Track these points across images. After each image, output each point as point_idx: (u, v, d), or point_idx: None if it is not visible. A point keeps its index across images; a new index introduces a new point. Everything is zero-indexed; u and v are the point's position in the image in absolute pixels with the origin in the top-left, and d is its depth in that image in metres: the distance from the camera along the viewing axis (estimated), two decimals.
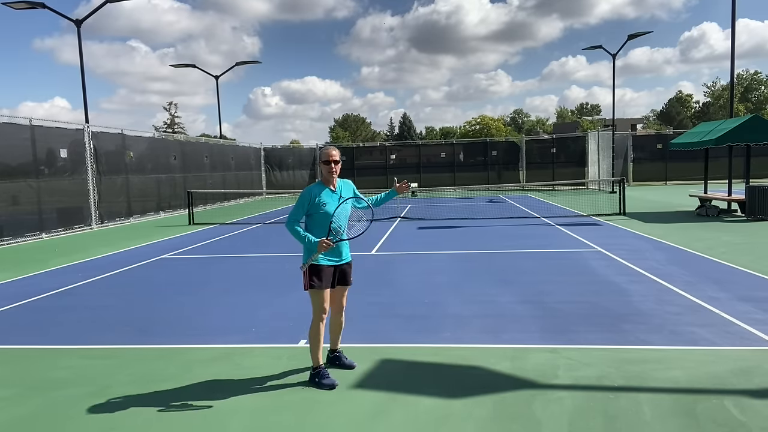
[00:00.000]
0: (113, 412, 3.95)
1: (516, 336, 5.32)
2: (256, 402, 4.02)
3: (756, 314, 5.75)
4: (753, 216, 13.65)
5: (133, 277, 8.91)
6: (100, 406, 4.04)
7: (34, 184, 14.51)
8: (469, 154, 34.00)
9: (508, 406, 3.82)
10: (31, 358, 5.20)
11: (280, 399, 4.06)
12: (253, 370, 4.65)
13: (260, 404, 3.99)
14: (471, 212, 17.85)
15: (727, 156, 16.05)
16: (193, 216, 17.56)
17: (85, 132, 16.72)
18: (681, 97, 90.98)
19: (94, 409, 4.01)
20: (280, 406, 3.94)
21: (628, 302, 6.38)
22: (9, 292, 7.95)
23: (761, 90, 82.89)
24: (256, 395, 4.14)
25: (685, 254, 9.31)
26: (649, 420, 3.56)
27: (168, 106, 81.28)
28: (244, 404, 3.99)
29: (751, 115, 15.27)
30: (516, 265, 8.85)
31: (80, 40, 18.66)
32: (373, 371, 4.55)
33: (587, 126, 70.74)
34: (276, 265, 9.58)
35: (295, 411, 3.86)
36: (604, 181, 26.58)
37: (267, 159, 32.32)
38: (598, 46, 28.49)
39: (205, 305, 6.91)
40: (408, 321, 5.93)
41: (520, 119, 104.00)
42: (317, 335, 4.33)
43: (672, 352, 4.77)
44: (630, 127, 54.67)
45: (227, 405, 3.98)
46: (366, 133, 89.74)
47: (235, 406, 3.97)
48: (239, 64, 34.24)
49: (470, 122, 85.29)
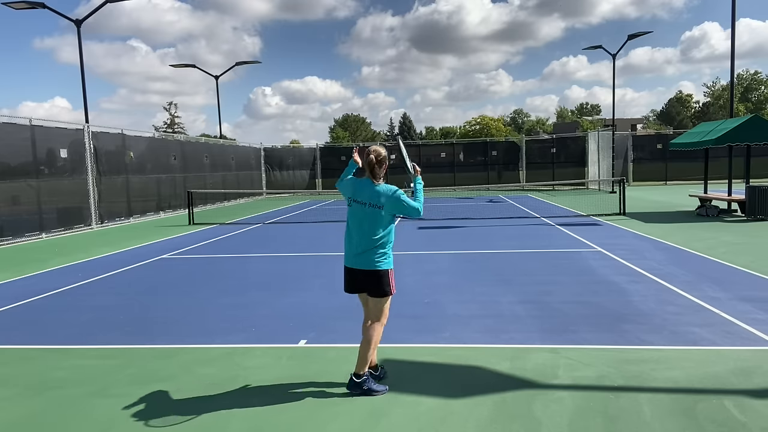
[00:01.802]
0: (113, 412, 3.95)
1: (516, 336, 5.32)
2: (256, 402, 4.02)
3: (756, 314, 5.75)
4: (753, 216, 13.65)
5: (133, 277, 8.91)
6: (100, 406, 4.04)
7: (34, 184, 14.51)
8: (469, 154, 34.00)
9: (508, 406, 3.82)
10: (31, 358, 5.19)
11: (280, 399, 4.06)
12: (253, 370, 4.65)
13: (260, 404, 3.98)
14: (471, 212, 17.86)
15: (727, 156, 16.03)
16: (193, 216, 17.56)
17: (85, 132, 16.71)
18: (681, 97, 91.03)
19: (94, 409, 4.01)
20: (280, 406, 3.94)
21: (628, 302, 6.38)
22: (9, 292, 7.95)
23: (761, 90, 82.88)
24: (256, 395, 4.14)
25: (685, 254, 9.31)
26: (649, 420, 3.56)
27: (168, 106, 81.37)
28: (244, 404, 3.99)
29: (751, 115, 15.27)
30: (516, 265, 8.85)
31: (80, 40, 18.67)
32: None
33: (587, 126, 70.75)
34: (276, 265, 9.58)
35: (295, 411, 3.86)
36: (604, 181, 26.57)
37: (267, 159, 32.32)
38: (598, 46, 28.49)
39: (205, 305, 6.91)
40: (408, 321, 5.93)
41: (520, 119, 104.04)
42: (378, 341, 4.21)
43: (672, 352, 4.77)
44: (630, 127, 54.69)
45: (227, 405, 3.98)
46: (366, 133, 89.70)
47: (235, 406, 3.97)
48: (239, 64, 34.24)
49: (470, 122, 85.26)
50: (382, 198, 4.06)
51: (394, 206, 4.09)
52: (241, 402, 4.03)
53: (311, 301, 6.89)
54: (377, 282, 4.07)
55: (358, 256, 4.09)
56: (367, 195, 4.10)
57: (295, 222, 17.08)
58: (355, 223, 4.13)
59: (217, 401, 4.05)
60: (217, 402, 4.04)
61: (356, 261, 4.10)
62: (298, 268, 9.14)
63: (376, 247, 4.06)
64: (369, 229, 4.06)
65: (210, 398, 4.11)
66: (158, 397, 4.16)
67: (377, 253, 4.06)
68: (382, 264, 4.06)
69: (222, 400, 4.07)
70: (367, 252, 4.06)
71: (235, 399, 4.08)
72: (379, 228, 4.06)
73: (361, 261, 4.08)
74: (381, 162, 4.18)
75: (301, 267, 9.27)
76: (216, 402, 4.04)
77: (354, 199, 4.17)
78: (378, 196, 4.07)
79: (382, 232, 4.07)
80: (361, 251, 4.07)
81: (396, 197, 4.08)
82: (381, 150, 4.23)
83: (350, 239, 4.16)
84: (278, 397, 4.10)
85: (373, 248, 4.06)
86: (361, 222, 4.09)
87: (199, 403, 4.04)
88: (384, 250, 4.09)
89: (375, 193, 4.08)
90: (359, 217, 4.11)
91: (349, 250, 4.16)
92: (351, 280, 4.18)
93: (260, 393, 4.18)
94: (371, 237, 4.05)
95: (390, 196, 4.07)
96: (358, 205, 4.13)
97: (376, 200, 4.06)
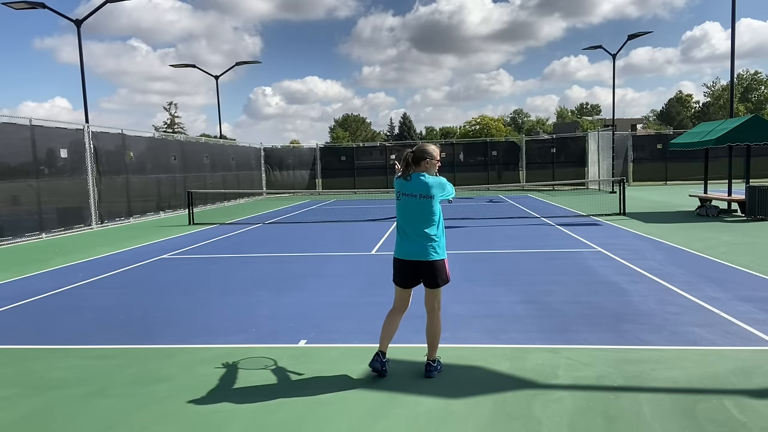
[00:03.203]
0: (113, 412, 3.95)
1: (516, 336, 5.32)
2: (256, 402, 4.02)
3: (756, 314, 5.75)
4: (753, 216, 13.65)
5: (134, 277, 8.91)
6: (100, 406, 4.04)
7: (34, 184, 14.51)
8: (469, 154, 34.01)
9: (508, 406, 3.82)
10: (31, 358, 5.19)
11: (280, 399, 4.06)
12: (253, 370, 4.65)
13: (260, 404, 3.98)
14: (471, 212, 17.86)
15: (727, 156, 16.04)
16: (193, 216, 17.56)
17: (85, 132, 16.72)
18: (681, 97, 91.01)
19: (94, 409, 4.01)
20: (280, 406, 3.94)
21: (628, 302, 6.38)
22: (9, 292, 7.95)
23: (761, 90, 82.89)
24: (256, 395, 4.14)
25: (685, 254, 9.31)
26: (649, 420, 3.56)
27: (168, 106, 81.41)
28: (244, 404, 3.99)
29: (751, 115, 15.27)
30: (516, 265, 8.85)
31: (80, 40, 18.67)
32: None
33: (587, 126, 70.73)
34: (276, 265, 9.58)
35: (295, 411, 3.86)
36: (604, 181, 26.58)
37: (267, 159, 32.32)
38: (598, 46, 28.50)
39: (205, 305, 6.91)
40: (408, 321, 5.91)
41: (520, 119, 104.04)
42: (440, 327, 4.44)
43: (672, 352, 4.77)
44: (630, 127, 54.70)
45: (227, 405, 3.98)
46: (366, 133, 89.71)
47: (235, 406, 3.97)
48: (239, 64, 34.25)
49: (470, 122, 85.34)
50: (431, 188, 4.21)
51: (440, 190, 4.24)
52: (241, 402, 4.03)
53: (311, 301, 6.89)
54: (434, 272, 4.23)
55: (417, 247, 4.22)
56: (415, 187, 4.22)
57: (295, 222, 17.08)
58: (405, 216, 4.26)
59: (217, 401, 4.05)
60: (217, 402, 4.04)
61: (411, 253, 4.24)
62: (298, 268, 9.13)
63: (430, 237, 4.20)
64: (421, 220, 4.19)
65: (210, 398, 4.11)
66: (158, 397, 4.16)
67: (431, 243, 4.21)
68: (437, 254, 4.22)
69: (222, 400, 4.07)
70: (422, 243, 4.20)
71: (235, 399, 4.08)
72: (431, 217, 4.20)
73: (421, 252, 4.21)
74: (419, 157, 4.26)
75: (301, 267, 9.27)
76: (216, 402, 4.04)
77: (403, 192, 4.27)
78: (427, 187, 4.21)
79: (434, 221, 4.22)
80: (419, 242, 4.21)
81: (441, 182, 4.27)
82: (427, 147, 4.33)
83: (403, 233, 4.29)
84: (278, 397, 4.10)
85: (427, 239, 4.20)
86: (411, 214, 4.22)
87: (199, 403, 4.04)
88: (437, 241, 4.23)
89: (423, 185, 4.22)
90: (410, 209, 4.23)
91: (402, 243, 4.30)
92: (408, 272, 4.29)
93: (260, 393, 4.18)
94: (424, 228, 4.20)
95: (437, 183, 4.24)
96: (407, 198, 4.24)
97: (426, 191, 4.20)
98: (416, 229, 4.22)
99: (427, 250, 4.21)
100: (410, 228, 4.25)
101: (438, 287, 4.32)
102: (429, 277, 4.27)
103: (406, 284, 4.38)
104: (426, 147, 4.32)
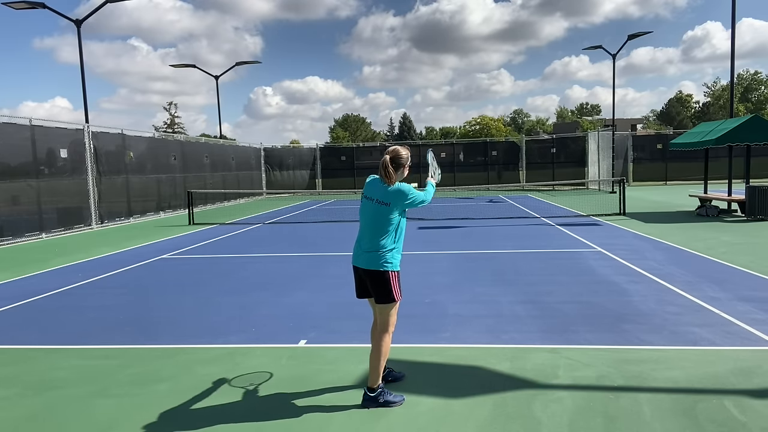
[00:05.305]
0: (113, 412, 3.95)
1: (516, 336, 5.32)
2: (256, 402, 4.02)
3: (756, 314, 5.75)
4: (753, 216, 13.65)
5: (134, 277, 8.92)
6: (100, 406, 4.05)
7: (34, 184, 14.51)
8: (469, 154, 33.98)
9: (508, 406, 3.82)
10: (31, 358, 5.19)
11: (280, 399, 4.06)
12: (253, 370, 4.65)
13: (260, 404, 3.99)
14: (471, 212, 17.86)
15: (727, 156, 16.04)
16: (193, 216, 17.56)
17: (85, 132, 16.72)
18: (681, 97, 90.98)
19: (94, 409, 4.01)
20: (280, 406, 3.94)
21: (628, 302, 6.38)
22: (9, 292, 7.95)
23: (761, 90, 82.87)
24: (256, 395, 4.14)
25: (685, 254, 9.31)
26: (649, 420, 3.56)
27: (168, 106, 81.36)
28: (244, 404, 3.99)
29: (751, 115, 15.27)
30: (516, 265, 8.85)
31: (80, 40, 18.66)
32: None
33: (587, 126, 70.74)
34: (276, 265, 9.58)
35: (295, 411, 3.86)
36: (604, 181, 26.58)
37: (267, 159, 32.31)
38: (598, 46, 28.46)
39: (205, 305, 6.91)
40: (408, 321, 5.92)
41: (520, 119, 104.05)
42: (388, 351, 3.98)
43: (672, 352, 4.77)
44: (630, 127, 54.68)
45: (227, 405, 3.98)
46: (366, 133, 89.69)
47: (235, 406, 3.97)
48: (240, 64, 34.23)
49: (470, 122, 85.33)
50: (389, 195, 3.88)
51: (399, 199, 3.87)
52: (241, 402, 4.03)
53: (311, 301, 6.89)
54: (381, 284, 3.88)
55: (363, 254, 3.94)
56: (376, 192, 3.94)
57: (295, 222, 17.08)
58: (363, 219, 4.01)
59: (217, 401, 4.05)
60: (217, 402, 4.04)
61: (361, 259, 3.95)
62: (298, 268, 9.13)
63: (381, 246, 3.87)
64: (375, 226, 3.90)
65: (210, 398, 4.11)
66: (158, 397, 4.16)
67: (381, 253, 3.87)
68: (385, 264, 3.87)
69: (222, 400, 4.07)
70: (372, 251, 3.89)
71: (235, 399, 4.08)
72: (386, 227, 3.88)
73: (366, 260, 3.92)
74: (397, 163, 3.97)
75: (301, 267, 9.27)
76: (216, 402, 4.04)
77: (364, 194, 4.04)
78: (386, 193, 3.89)
79: (388, 231, 3.89)
80: (366, 249, 3.92)
81: (401, 190, 3.88)
82: (401, 150, 4.02)
83: (358, 236, 4.05)
84: (278, 397, 4.10)
85: (378, 247, 3.87)
86: (368, 219, 3.95)
87: (199, 403, 4.04)
88: (388, 250, 3.89)
89: (383, 190, 3.92)
90: (367, 213, 3.96)
91: (355, 247, 4.07)
92: (359, 281, 4.06)
93: (260, 393, 4.18)
94: (377, 235, 3.89)
95: (396, 191, 3.88)
96: (366, 201, 3.98)
97: (383, 197, 3.89)
98: (368, 234, 3.92)
99: (373, 259, 3.88)
100: (363, 232, 3.98)
101: (384, 303, 3.91)
102: (373, 288, 3.93)
103: (358, 293, 4.10)
104: (401, 153, 3.99)
